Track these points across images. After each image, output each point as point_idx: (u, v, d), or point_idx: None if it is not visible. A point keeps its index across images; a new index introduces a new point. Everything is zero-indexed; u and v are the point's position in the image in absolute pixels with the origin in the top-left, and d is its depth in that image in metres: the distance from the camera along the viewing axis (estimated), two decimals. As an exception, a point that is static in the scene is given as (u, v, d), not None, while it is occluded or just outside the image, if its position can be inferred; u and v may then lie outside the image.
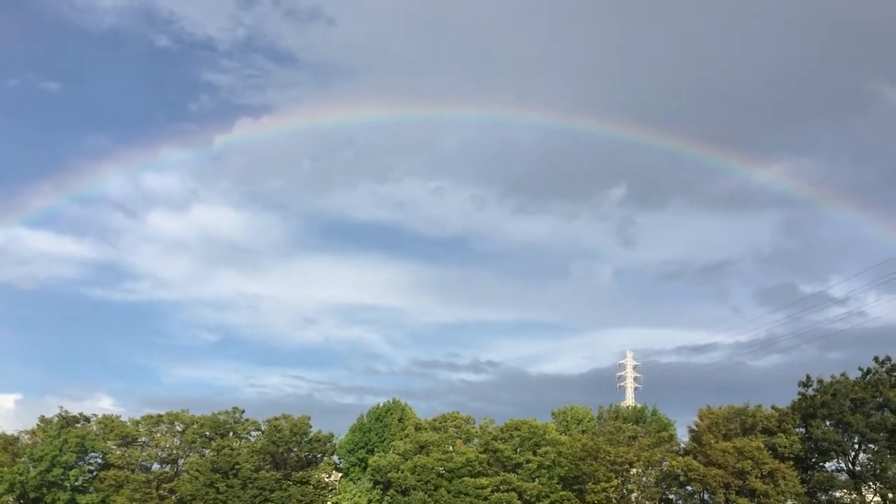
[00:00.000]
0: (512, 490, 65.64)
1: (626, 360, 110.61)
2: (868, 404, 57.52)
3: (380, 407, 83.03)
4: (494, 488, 65.80)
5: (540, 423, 70.27)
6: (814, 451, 58.95)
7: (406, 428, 73.62)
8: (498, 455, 67.83)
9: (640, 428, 68.27)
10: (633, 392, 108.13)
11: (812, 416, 59.14)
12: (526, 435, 68.96)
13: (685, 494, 63.11)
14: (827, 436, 57.41)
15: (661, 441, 65.50)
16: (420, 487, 65.83)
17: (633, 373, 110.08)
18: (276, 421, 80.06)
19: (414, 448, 68.41)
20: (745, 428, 61.52)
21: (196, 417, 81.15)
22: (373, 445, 79.24)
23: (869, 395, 57.48)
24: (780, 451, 58.35)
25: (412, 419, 77.19)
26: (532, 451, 68.42)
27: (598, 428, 72.25)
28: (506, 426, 69.85)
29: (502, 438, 69.34)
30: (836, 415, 57.65)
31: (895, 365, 57.84)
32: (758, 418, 61.08)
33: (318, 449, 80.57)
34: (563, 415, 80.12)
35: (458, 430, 71.29)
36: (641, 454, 63.93)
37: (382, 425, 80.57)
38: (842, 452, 58.03)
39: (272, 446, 77.55)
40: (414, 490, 65.82)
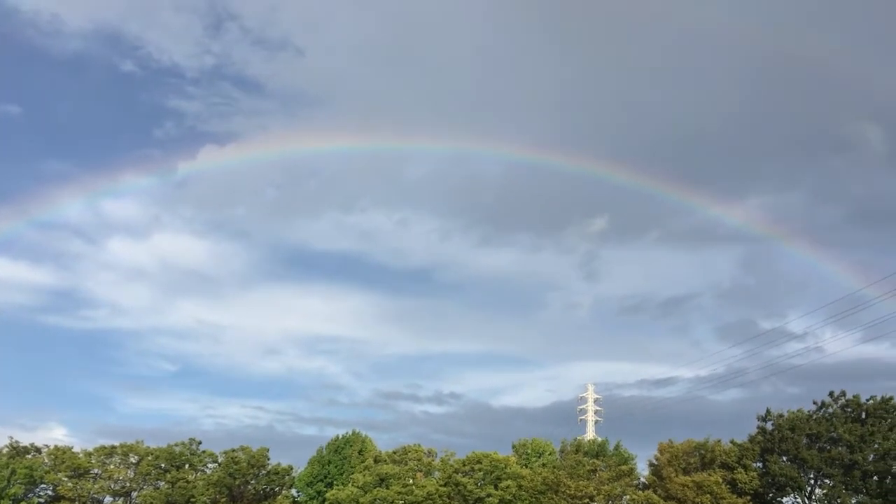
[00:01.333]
0: (473, 524, 65.13)
1: (587, 393, 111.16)
2: (823, 439, 58.25)
3: (339, 439, 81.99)
4: (455, 523, 65.26)
5: (501, 457, 69.94)
6: (771, 486, 59.42)
7: (366, 460, 72.79)
8: (460, 489, 67.30)
9: (601, 461, 68.23)
10: (593, 425, 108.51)
11: (770, 451, 59.72)
12: (488, 468, 68.58)
13: (645, 529, 63.02)
14: (784, 471, 57.95)
15: (621, 475, 65.52)
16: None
17: (594, 406, 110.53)
18: (234, 453, 78.64)
19: (374, 481, 67.61)
20: (704, 462, 61.88)
21: (151, 449, 79.39)
22: (332, 478, 78.06)
23: (824, 429, 58.22)
24: (739, 487, 58.74)
25: (372, 451, 76.36)
26: (493, 485, 68.00)
27: (559, 461, 72.09)
28: (467, 459, 69.40)
29: (464, 472, 68.87)
30: (793, 450, 58.26)
31: (849, 400, 58.75)
32: (717, 453, 61.52)
33: (277, 482, 79.22)
34: (524, 447, 79.83)
35: (419, 462, 70.63)
36: (602, 488, 63.90)
37: (342, 457, 79.51)
38: (798, 488, 58.56)
39: (229, 479, 76.06)
40: (373, 524, 64.95)
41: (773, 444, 59.52)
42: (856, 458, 55.91)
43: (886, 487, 55.63)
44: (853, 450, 56.25)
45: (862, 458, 56.11)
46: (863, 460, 56.09)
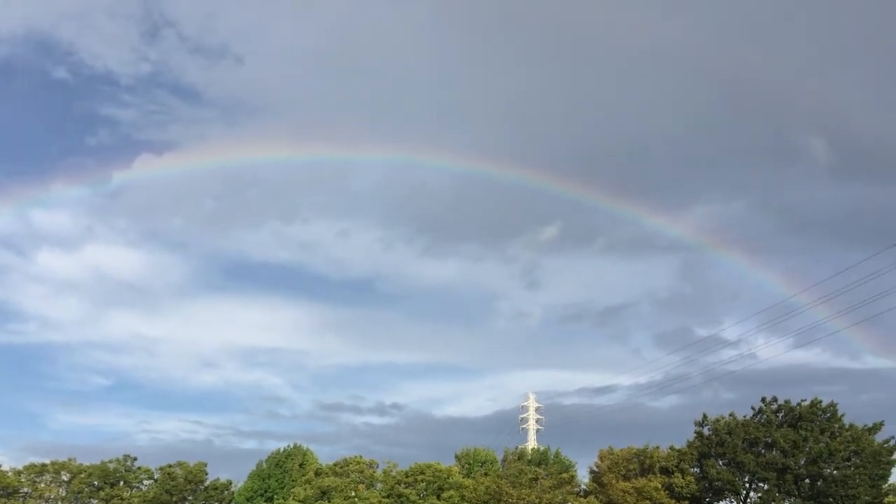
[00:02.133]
0: (415, 536, 64.78)
1: (528, 401, 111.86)
2: (759, 444, 59.53)
3: (280, 452, 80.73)
4: (397, 534, 64.77)
5: (444, 467, 69.79)
6: (708, 490, 60.46)
7: (307, 474, 71.81)
8: (402, 500, 66.91)
9: (542, 470, 68.63)
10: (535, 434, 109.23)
11: (707, 455, 60.78)
12: (430, 479, 68.33)
13: (586, 535, 63.57)
14: (721, 475, 59.00)
15: (562, 482, 65.99)
16: (321, 535, 64.16)
17: (535, 414, 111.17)
18: (171, 468, 76.92)
19: (315, 494, 66.74)
20: (644, 468, 62.74)
21: (84, 466, 77.12)
22: (272, 492, 76.77)
23: (760, 434, 59.49)
24: (678, 491, 59.62)
25: (314, 464, 75.40)
26: (436, 496, 67.77)
27: (501, 470, 72.25)
28: (410, 470, 69.06)
29: (406, 483, 68.50)
30: (730, 454, 59.37)
31: (781, 405, 60.21)
32: (656, 458, 62.45)
33: (215, 497, 77.73)
34: (466, 457, 79.75)
35: (361, 475, 70.02)
36: (543, 496, 64.20)
37: (282, 471, 78.26)
38: (734, 491, 59.72)
39: (165, 496, 74.34)
40: (314, 538, 64.05)
41: (710, 449, 60.61)
42: (788, 463, 57.25)
43: (817, 490, 57.11)
44: (787, 454, 57.58)
45: (794, 463, 57.48)
46: (795, 464, 57.47)
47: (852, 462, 56.44)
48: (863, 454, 56.31)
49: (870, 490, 55.24)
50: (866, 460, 56.10)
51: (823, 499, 56.51)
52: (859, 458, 56.33)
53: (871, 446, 56.73)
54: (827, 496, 56.20)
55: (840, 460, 56.49)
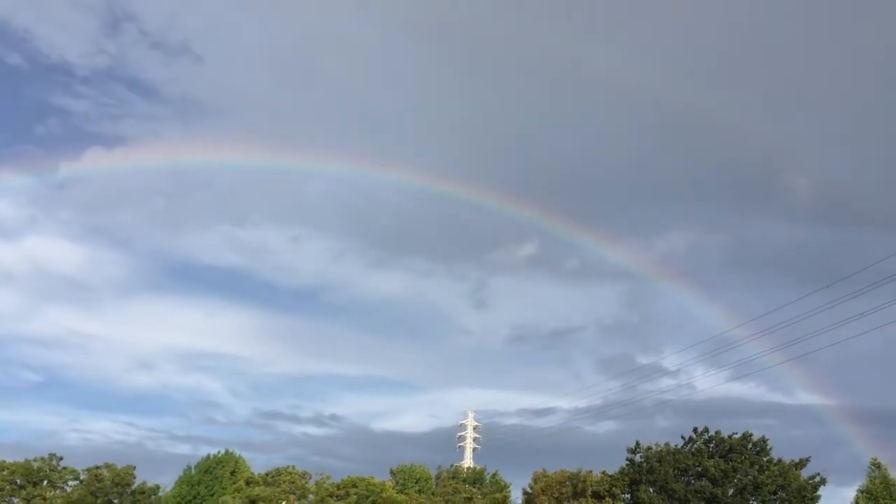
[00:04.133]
0: (344, 549, 64.06)
1: (467, 420, 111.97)
2: (689, 472, 60.46)
3: (211, 458, 79.17)
4: (326, 547, 63.96)
5: (378, 481, 69.26)
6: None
7: (238, 482, 70.59)
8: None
9: (477, 489, 68.65)
10: (471, 452, 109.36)
11: (638, 481, 61.44)
12: (363, 492, 67.69)
13: (516, 557, 63.77)
14: (651, 501, 59.69)
15: (496, 503, 66.03)
16: (248, 545, 63.03)
17: (473, 433, 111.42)
18: (98, 470, 74.96)
19: (244, 503, 65.60)
20: (576, 491, 63.15)
21: (6, 463, 74.64)
22: (201, 499, 75.27)
23: (691, 463, 60.43)
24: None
25: (246, 472, 74.16)
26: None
27: (435, 488, 72.03)
28: (342, 483, 68.35)
29: (338, 495, 67.74)
30: (661, 481, 60.11)
31: (712, 436, 61.31)
32: (589, 482, 62.93)
33: (142, 501, 75.94)
34: (402, 473, 79.34)
35: (292, 485, 69.01)
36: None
37: (212, 478, 76.80)
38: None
39: (90, 497, 72.40)
40: (241, 547, 62.91)
41: (642, 476, 61.31)
42: (717, 492, 58.21)
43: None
44: (716, 483, 58.53)
45: (722, 493, 58.46)
46: (723, 494, 58.44)
47: (778, 496, 57.64)
48: (789, 489, 57.56)
49: (793, 524, 56.46)
50: (792, 495, 57.35)
51: (748, 530, 57.60)
52: (785, 492, 57.56)
53: (797, 481, 58.05)
54: (752, 528, 57.29)
55: (767, 493, 57.66)
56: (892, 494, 56.94)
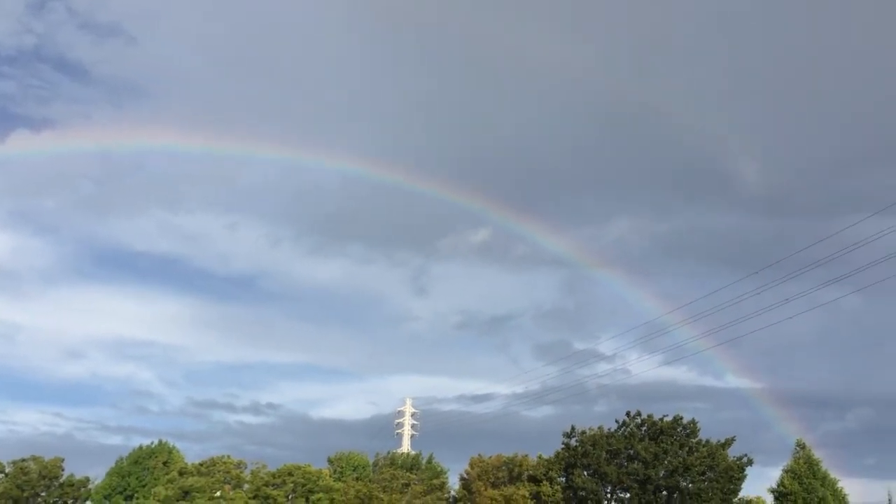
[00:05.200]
0: (280, 538, 63.47)
1: (405, 406, 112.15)
2: (622, 455, 61.64)
3: (142, 449, 77.52)
4: (262, 536, 63.29)
5: (314, 469, 68.78)
6: (573, 499, 62.03)
7: (170, 472, 69.25)
8: (269, 501, 65.37)
9: (415, 475, 68.75)
10: (409, 439, 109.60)
11: (573, 465, 62.39)
12: (299, 481, 67.13)
13: (455, 541, 64.16)
14: (585, 484, 60.69)
15: (433, 488, 66.23)
16: (181, 536, 61.95)
17: (411, 420, 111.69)
18: (24, 463, 72.62)
19: (177, 494, 64.35)
20: (512, 476, 63.72)
21: (-74, 457, 71.78)
22: (132, 491, 73.72)
23: (623, 446, 61.62)
24: (545, 500, 60.83)
25: (179, 463, 72.82)
26: (305, 498, 66.64)
27: (373, 475, 71.91)
28: (278, 472, 67.63)
29: (274, 484, 67.00)
30: (595, 465, 61.17)
31: (644, 419, 62.62)
32: (525, 467, 63.58)
33: (71, 494, 73.83)
34: (339, 461, 79.03)
35: (227, 475, 67.99)
36: (414, 501, 64.27)
37: (144, 469, 75.25)
38: (597, 501, 61.54)
39: (16, 490, 70.11)
40: (174, 539, 61.78)
41: (577, 460, 62.27)
42: (649, 474, 59.52)
43: (674, 501, 59.65)
44: (648, 466, 59.84)
45: (654, 474, 59.82)
46: (655, 476, 59.81)
47: (707, 476, 59.25)
48: (717, 469, 59.21)
49: (721, 503, 58.05)
50: (720, 475, 59.01)
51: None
52: (713, 472, 59.19)
53: (724, 462, 59.75)
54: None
55: (696, 474, 59.21)
56: (815, 474, 59.09)
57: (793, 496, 58.06)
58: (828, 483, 59.06)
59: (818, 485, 58.46)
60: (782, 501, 58.45)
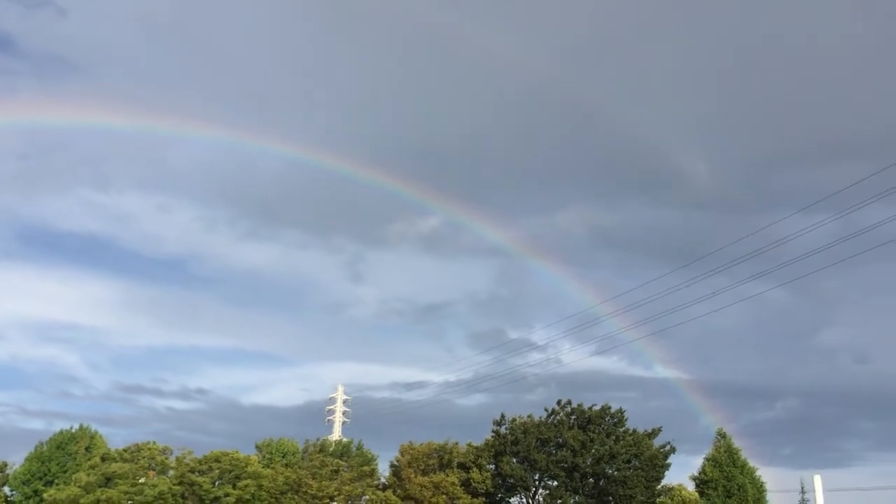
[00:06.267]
0: (206, 525, 62.44)
1: (336, 393, 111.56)
2: (551, 443, 62.51)
3: (64, 434, 75.29)
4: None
5: (242, 456, 67.78)
6: (501, 486, 62.71)
7: (93, 458, 67.43)
8: (195, 488, 64.18)
9: (345, 462, 68.45)
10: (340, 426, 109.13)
11: (503, 453, 63.01)
12: (226, 467, 66.05)
13: (382, 528, 64.09)
14: (514, 472, 61.38)
15: (363, 475, 66.05)
16: (102, 523, 60.32)
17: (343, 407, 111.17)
18: (-63, 447, 69.91)
19: (99, 480, 62.64)
20: (442, 463, 64.01)
21: None
22: (53, 476, 71.55)
23: (552, 434, 62.48)
24: (474, 487, 61.33)
25: (102, 448, 70.98)
26: (232, 485, 65.64)
27: (302, 462, 71.35)
28: (205, 458, 66.42)
29: (200, 471, 65.80)
30: (524, 452, 61.88)
31: (574, 408, 63.62)
32: (455, 454, 63.92)
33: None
34: (267, 447, 78.24)
35: (152, 461, 66.50)
36: (343, 488, 64.00)
37: (65, 454, 73.15)
38: (525, 488, 62.36)
39: (-73, 476, 67.41)
40: (94, 526, 60.10)
41: (506, 447, 62.90)
42: (577, 462, 60.51)
43: (600, 488, 60.85)
44: (576, 454, 60.82)
45: (582, 462, 60.86)
46: (583, 463, 60.85)
47: (632, 464, 60.53)
48: (642, 457, 60.55)
49: (645, 491, 59.44)
50: (644, 463, 60.36)
51: (605, 497, 60.24)
52: (638, 460, 60.52)
53: (649, 450, 61.13)
54: (608, 494, 59.95)
55: (622, 462, 60.46)
56: (734, 462, 60.88)
57: (713, 483, 59.74)
58: (746, 471, 60.93)
59: (737, 473, 60.28)
60: (703, 488, 60.06)
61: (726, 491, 59.35)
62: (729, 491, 59.33)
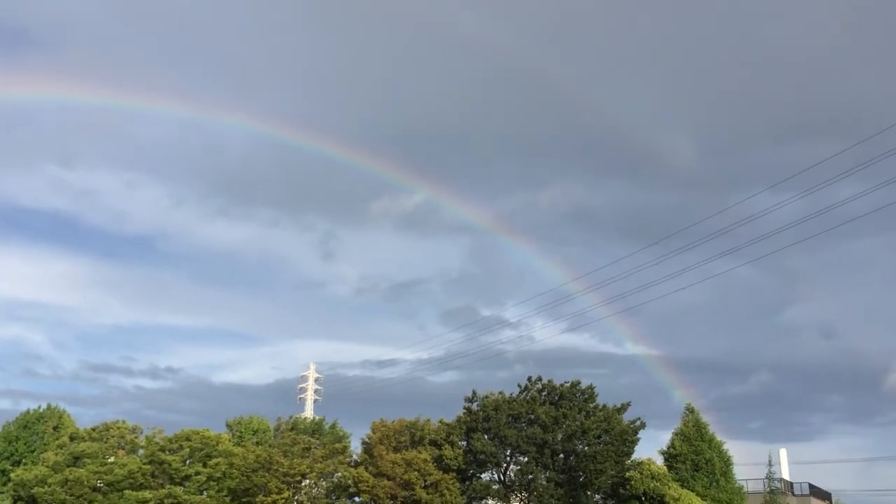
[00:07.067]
0: (177, 503, 62.22)
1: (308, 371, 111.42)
2: (522, 419, 62.92)
3: (31, 413, 74.58)
4: (158, 501, 61.83)
5: (213, 434, 67.57)
6: (473, 462, 63.06)
7: (61, 437, 66.84)
8: (164, 467, 63.92)
9: (316, 440, 68.43)
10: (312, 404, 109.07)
11: (474, 429, 63.29)
12: (197, 446, 65.84)
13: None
14: (485, 448, 61.72)
15: (335, 452, 66.08)
16: (71, 502, 59.89)
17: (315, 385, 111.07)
18: None
19: (67, 460, 62.21)
20: (414, 440, 64.20)
21: None
22: (20, 456, 70.96)
23: (524, 410, 62.86)
24: (446, 463, 61.62)
25: (70, 427, 70.37)
26: (202, 463, 65.46)
27: (273, 440, 71.25)
28: (175, 437, 66.13)
29: (171, 449, 65.51)
30: (495, 429, 62.22)
31: (545, 384, 64.05)
32: (426, 431, 64.13)
33: (-49, 460, 70.50)
34: (238, 426, 78.04)
35: (121, 440, 66.11)
36: (315, 466, 64.00)
37: (33, 434, 72.47)
38: (496, 464, 62.81)
39: None
40: (63, 506, 59.70)
41: (478, 424, 63.19)
42: (547, 438, 60.99)
43: (570, 464, 61.45)
44: (547, 430, 61.26)
45: (553, 438, 61.35)
46: (553, 439, 61.36)
47: (602, 440, 61.13)
48: (612, 433, 61.13)
49: (615, 465, 60.07)
50: (614, 438, 60.96)
51: (575, 472, 60.83)
52: (609, 436, 61.10)
53: (619, 425, 61.75)
54: (578, 470, 60.54)
55: (592, 437, 61.01)
56: (703, 436, 61.68)
57: (681, 457, 60.47)
58: (714, 445, 61.73)
59: (705, 447, 61.04)
60: (672, 462, 60.80)
61: (694, 465, 60.14)
62: (697, 464, 60.13)
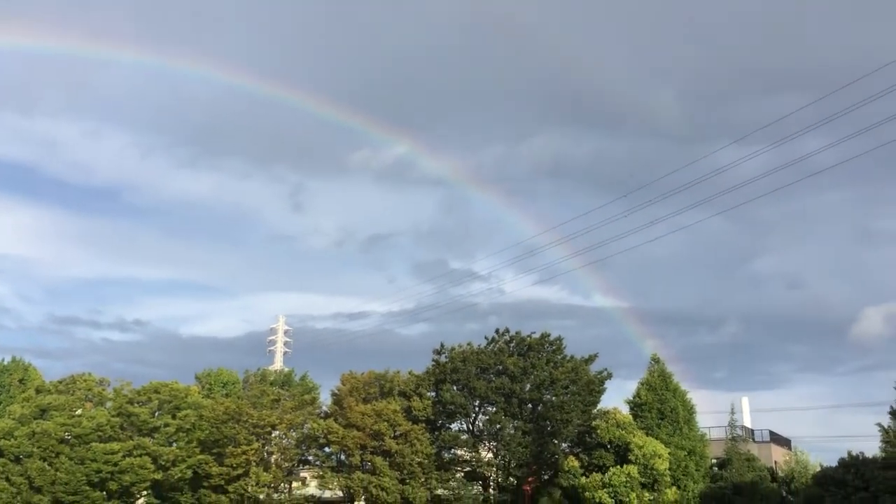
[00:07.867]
0: (146, 454, 62.34)
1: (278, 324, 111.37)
2: (491, 371, 63.51)
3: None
4: (126, 453, 61.91)
5: (182, 386, 67.52)
6: (442, 413, 63.73)
7: (27, 391, 66.34)
8: (133, 419, 63.91)
9: (286, 391, 68.66)
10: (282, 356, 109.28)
11: (443, 381, 63.82)
12: (165, 398, 65.80)
13: (323, 455, 64.98)
14: (454, 399, 62.34)
15: (304, 404, 66.44)
16: (38, 455, 59.76)
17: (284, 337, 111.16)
18: None
19: (34, 413, 61.88)
20: (384, 392, 64.66)
21: None
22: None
23: (493, 362, 63.41)
24: (415, 414, 62.19)
25: (36, 380, 69.85)
26: (171, 415, 65.52)
27: (243, 392, 71.37)
28: (143, 389, 65.98)
29: (139, 402, 65.43)
30: (464, 380, 62.79)
31: (513, 336, 64.58)
32: (396, 383, 64.58)
33: (-86, 414, 69.64)
34: (207, 378, 77.99)
35: (89, 392, 65.81)
36: (284, 417, 64.31)
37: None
38: (465, 414, 63.53)
39: None
40: (30, 458, 59.50)
41: (446, 375, 63.71)
42: (515, 388, 61.70)
43: (538, 413, 62.32)
44: (515, 380, 61.94)
45: (520, 388, 62.09)
46: (521, 390, 62.10)
47: (569, 390, 61.97)
48: (579, 383, 62.00)
49: (581, 415, 61.07)
50: (581, 388, 61.85)
51: (542, 421, 61.73)
52: (576, 386, 61.96)
53: (586, 376, 62.64)
54: (545, 419, 61.41)
55: (560, 388, 61.83)
56: (667, 386, 62.76)
57: (647, 406, 61.52)
58: (678, 394, 62.87)
59: (670, 396, 62.15)
60: (637, 411, 61.87)
61: (659, 413, 61.25)
62: (662, 413, 61.25)
